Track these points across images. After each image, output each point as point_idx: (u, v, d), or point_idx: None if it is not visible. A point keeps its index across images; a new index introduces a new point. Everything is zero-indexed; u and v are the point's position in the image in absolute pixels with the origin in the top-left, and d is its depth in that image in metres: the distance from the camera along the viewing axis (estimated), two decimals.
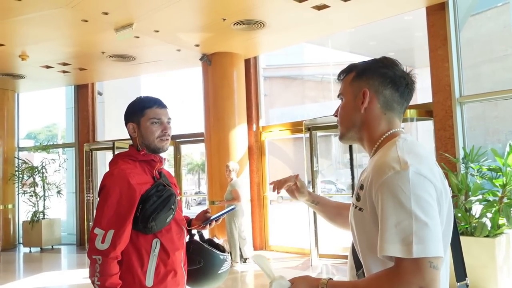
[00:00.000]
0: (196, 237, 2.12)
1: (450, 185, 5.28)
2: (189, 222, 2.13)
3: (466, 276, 1.46)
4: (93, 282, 1.77)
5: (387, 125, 1.39)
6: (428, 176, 1.21)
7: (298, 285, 1.25)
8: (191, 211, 19.32)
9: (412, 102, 1.45)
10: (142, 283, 1.84)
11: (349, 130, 1.44)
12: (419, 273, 1.11)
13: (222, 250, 2.09)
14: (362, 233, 1.32)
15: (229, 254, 2.14)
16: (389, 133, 1.38)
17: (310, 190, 1.82)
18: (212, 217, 2.09)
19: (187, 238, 2.09)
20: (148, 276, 1.85)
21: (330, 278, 1.24)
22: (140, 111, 1.96)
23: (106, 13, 5.74)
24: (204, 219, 2.10)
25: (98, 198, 1.89)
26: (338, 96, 1.47)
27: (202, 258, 2.02)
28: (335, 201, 1.77)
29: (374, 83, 1.37)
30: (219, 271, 2.04)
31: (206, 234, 2.20)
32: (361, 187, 1.33)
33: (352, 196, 1.43)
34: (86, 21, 6.01)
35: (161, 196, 1.88)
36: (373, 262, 1.27)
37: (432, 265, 1.12)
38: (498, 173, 5.08)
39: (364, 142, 1.43)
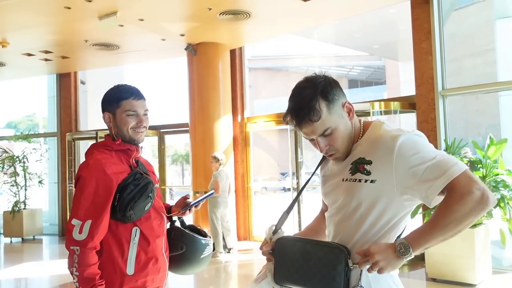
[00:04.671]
0: (177, 224, 2.14)
1: None
2: (169, 209, 2.16)
3: None
4: (71, 273, 1.77)
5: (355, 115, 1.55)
6: (421, 135, 1.43)
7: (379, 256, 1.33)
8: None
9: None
10: (123, 272, 1.85)
11: (350, 145, 1.51)
12: (471, 180, 1.30)
13: (204, 235, 2.11)
14: (373, 202, 1.42)
15: (211, 239, 2.15)
16: (362, 121, 1.53)
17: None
18: (191, 203, 2.12)
19: (168, 225, 2.10)
20: (129, 264, 1.86)
21: (403, 239, 1.33)
22: (116, 102, 1.94)
23: (90, 0, 5.64)
24: (183, 205, 2.13)
25: (74, 189, 1.89)
26: (325, 133, 1.45)
27: (184, 243, 2.04)
28: (312, 223, 1.81)
29: (338, 93, 1.48)
30: (202, 256, 2.06)
31: (189, 221, 2.21)
32: (369, 163, 1.42)
33: (344, 179, 1.50)
34: (69, 8, 5.90)
35: (138, 184, 1.88)
36: (368, 230, 1.44)
37: (471, 174, 1.32)
38: (478, 165, 5.18)
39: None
